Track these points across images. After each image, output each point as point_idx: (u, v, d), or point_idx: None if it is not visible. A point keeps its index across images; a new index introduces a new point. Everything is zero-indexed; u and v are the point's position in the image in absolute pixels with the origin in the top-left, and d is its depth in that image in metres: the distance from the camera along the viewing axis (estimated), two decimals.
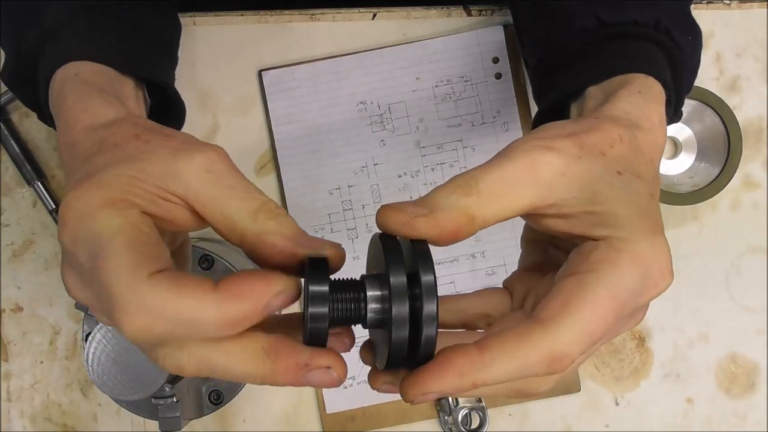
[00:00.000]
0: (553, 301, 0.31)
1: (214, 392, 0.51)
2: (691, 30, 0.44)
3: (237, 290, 0.28)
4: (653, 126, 0.36)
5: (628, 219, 0.32)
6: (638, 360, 0.60)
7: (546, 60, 0.46)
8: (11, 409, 0.60)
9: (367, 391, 0.60)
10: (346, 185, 0.60)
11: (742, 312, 0.60)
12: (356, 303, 0.30)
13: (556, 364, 0.29)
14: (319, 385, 0.29)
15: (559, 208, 0.32)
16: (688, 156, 0.60)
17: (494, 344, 0.30)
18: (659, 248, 0.32)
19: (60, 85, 0.38)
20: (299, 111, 0.60)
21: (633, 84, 0.38)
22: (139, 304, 0.27)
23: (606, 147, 0.33)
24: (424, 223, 0.30)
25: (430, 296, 0.28)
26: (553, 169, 0.31)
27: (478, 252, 0.59)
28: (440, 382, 0.29)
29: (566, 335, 0.29)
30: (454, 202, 0.30)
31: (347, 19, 0.60)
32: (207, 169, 0.31)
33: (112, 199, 0.30)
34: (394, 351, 0.29)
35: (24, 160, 0.59)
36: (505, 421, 0.60)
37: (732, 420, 0.60)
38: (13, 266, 0.61)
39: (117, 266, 0.28)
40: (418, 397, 0.30)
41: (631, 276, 0.31)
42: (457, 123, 0.60)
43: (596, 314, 0.30)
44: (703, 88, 0.57)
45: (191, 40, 0.60)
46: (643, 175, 0.34)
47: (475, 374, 0.29)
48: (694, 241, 0.60)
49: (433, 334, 0.29)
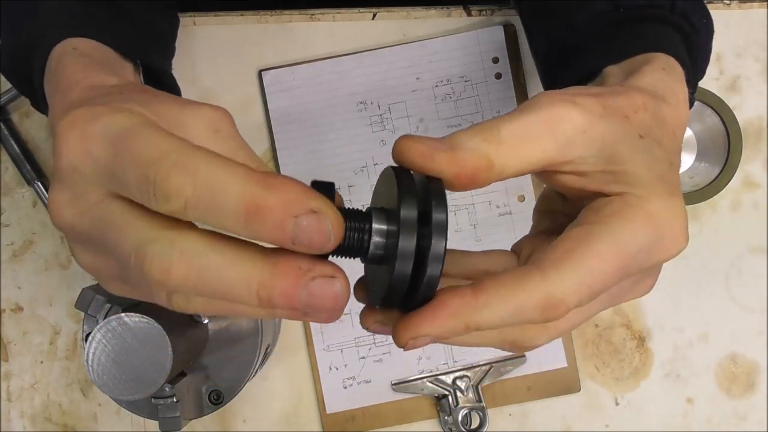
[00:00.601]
0: (556, 249, 0.30)
1: (214, 392, 0.51)
2: (705, 13, 0.44)
3: (274, 182, 0.25)
4: (679, 102, 0.35)
5: (646, 179, 0.31)
6: (638, 360, 0.60)
7: (560, 44, 0.45)
8: (11, 409, 0.60)
9: (367, 391, 0.60)
10: (346, 185, 0.60)
11: (742, 312, 0.60)
12: (360, 233, 0.28)
13: (551, 311, 0.28)
14: (319, 302, 0.26)
15: (577, 165, 0.31)
16: (688, 156, 0.60)
17: (490, 286, 0.29)
18: (676, 210, 0.31)
19: (58, 59, 0.37)
20: (299, 111, 0.60)
21: (656, 61, 0.38)
22: (186, 159, 0.25)
23: (630, 111, 0.32)
24: (444, 158, 0.29)
25: (439, 235, 0.27)
26: (575, 125, 0.30)
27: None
28: (433, 324, 0.28)
29: (565, 282, 0.28)
30: (477, 144, 0.29)
31: (347, 19, 0.60)
32: (214, 128, 0.31)
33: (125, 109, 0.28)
34: (393, 287, 0.28)
35: (24, 160, 0.59)
36: (505, 421, 0.60)
37: (732, 420, 0.60)
38: (13, 266, 0.61)
39: (152, 133, 0.26)
40: (410, 342, 0.29)
41: (643, 233, 0.30)
42: (457, 123, 0.60)
43: (599, 265, 0.29)
44: (703, 88, 0.57)
45: (191, 40, 0.60)
46: (665, 144, 0.33)
47: (468, 316, 0.28)
48: (694, 241, 0.60)
49: (436, 274, 0.28)
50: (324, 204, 0.25)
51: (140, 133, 0.26)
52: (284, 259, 0.25)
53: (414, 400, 0.60)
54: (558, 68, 0.46)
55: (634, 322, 0.60)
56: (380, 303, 0.29)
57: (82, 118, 0.28)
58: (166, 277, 0.25)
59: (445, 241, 0.27)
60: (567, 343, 0.60)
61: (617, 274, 0.29)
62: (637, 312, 0.60)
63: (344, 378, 0.59)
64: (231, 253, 0.25)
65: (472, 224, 0.59)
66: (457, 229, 0.59)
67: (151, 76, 0.45)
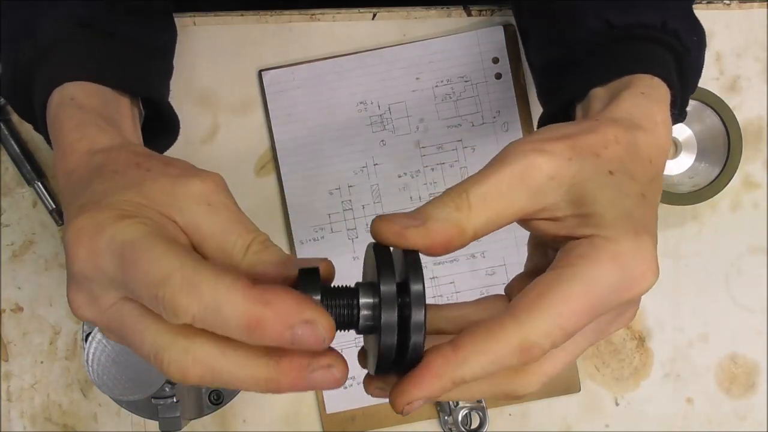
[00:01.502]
0: (527, 295, 0.31)
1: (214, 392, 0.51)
2: (696, 30, 0.44)
3: (271, 297, 0.27)
4: (656, 126, 0.36)
5: (612, 219, 0.32)
6: (638, 360, 0.60)
7: (554, 61, 0.46)
8: (11, 409, 0.60)
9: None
10: (346, 185, 0.60)
11: (742, 312, 0.60)
12: (349, 309, 0.31)
13: (526, 354, 0.30)
14: (321, 385, 0.29)
15: (551, 212, 0.33)
16: (688, 156, 0.60)
17: (466, 340, 0.30)
18: (642, 248, 0.32)
19: (56, 110, 0.39)
20: (299, 111, 0.60)
21: (637, 85, 0.39)
22: (189, 280, 0.27)
23: (600, 148, 0.33)
24: (416, 233, 0.31)
25: (418, 305, 0.30)
26: (543, 173, 0.32)
27: (478, 252, 0.59)
28: (421, 387, 0.30)
29: (537, 326, 0.30)
30: (447, 215, 0.31)
31: (347, 19, 0.60)
32: (207, 202, 0.32)
33: (126, 214, 0.30)
34: (382, 356, 0.30)
35: (24, 160, 0.59)
36: (505, 421, 0.60)
37: (732, 420, 0.60)
38: (13, 266, 0.61)
39: (155, 248, 0.29)
40: (405, 407, 0.31)
41: (609, 273, 0.31)
42: (457, 123, 0.60)
43: (568, 307, 0.30)
44: (703, 88, 0.57)
45: (191, 40, 0.60)
46: (637, 176, 0.34)
47: (451, 373, 0.30)
48: (694, 241, 0.60)
49: (420, 341, 0.30)
50: (316, 313, 0.27)
51: (144, 248, 0.29)
52: (287, 357, 0.29)
53: None
54: (551, 88, 0.47)
55: (634, 322, 0.60)
56: (375, 370, 0.31)
57: (87, 233, 0.30)
58: (184, 378, 0.29)
59: (425, 309, 0.30)
60: None
61: (588, 315, 0.31)
62: (637, 312, 0.60)
63: None
64: (239, 357, 0.29)
65: None
66: None
67: (150, 105, 0.45)
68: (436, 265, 0.59)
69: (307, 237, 0.60)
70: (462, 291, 0.60)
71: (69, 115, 0.38)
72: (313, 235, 0.60)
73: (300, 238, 0.60)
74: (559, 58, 0.45)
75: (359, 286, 0.31)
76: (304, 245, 0.60)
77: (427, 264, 0.59)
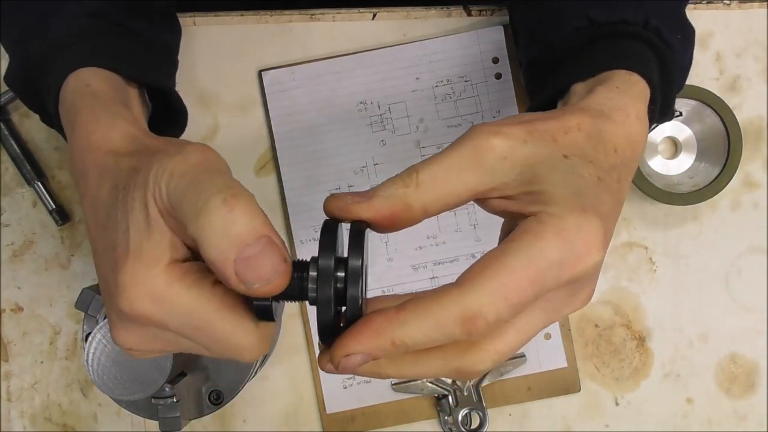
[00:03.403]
0: (473, 267, 0.32)
1: (214, 392, 0.51)
2: (681, 29, 0.45)
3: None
4: (627, 119, 0.37)
5: (560, 197, 0.33)
6: (638, 360, 0.60)
7: (538, 60, 0.47)
8: (11, 409, 0.60)
9: (367, 391, 0.60)
10: (346, 185, 0.60)
11: (742, 312, 0.60)
12: (300, 281, 0.32)
13: (469, 324, 0.31)
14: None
15: (502, 190, 0.34)
16: (688, 156, 0.60)
17: (411, 304, 0.31)
18: (588, 225, 0.32)
19: (72, 98, 0.40)
20: (299, 111, 0.60)
21: (614, 80, 0.39)
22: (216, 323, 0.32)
23: (559, 134, 0.34)
24: (360, 208, 0.33)
25: (354, 280, 0.31)
26: (496, 153, 0.33)
27: (478, 252, 0.59)
28: (359, 340, 0.31)
29: (479, 296, 0.31)
30: (392, 192, 0.33)
31: (347, 19, 0.60)
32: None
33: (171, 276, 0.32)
34: (321, 330, 0.32)
35: (24, 160, 0.59)
36: (505, 421, 0.60)
37: (732, 420, 0.60)
38: (13, 266, 0.61)
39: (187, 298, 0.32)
40: (342, 360, 0.31)
41: (553, 247, 0.31)
42: (457, 123, 0.60)
43: (511, 278, 0.31)
44: (703, 88, 0.57)
45: (191, 40, 0.60)
46: (597, 162, 0.34)
47: (391, 332, 0.31)
48: (694, 241, 0.61)
49: (356, 314, 0.32)
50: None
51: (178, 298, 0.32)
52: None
53: (414, 400, 0.60)
54: (536, 84, 0.48)
55: (634, 322, 0.60)
56: (320, 341, 0.33)
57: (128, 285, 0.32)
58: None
59: (361, 283, 0.31)
60: (567, 343, 0.60)
61: (531, 288, 0.31)
62: (637, 312, 0.60)
63: (344, 378, 0.59)
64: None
65: (472, 224, 0.59)
66: (457, 230, 0.59)
67: (157, 98, 0.47)
68: (437, 265, 0.59)
69: (307, 237, 0.60)
70: None
71: (85, 103, 0.39)
72: (313, 235, 0.60)
73: (300, 238, 0.60)
74: (543, 57, 0.46)
75: (311, 260, 0.32)
76: (304, 245, 0.60)
77: (427, 264, 0.59)
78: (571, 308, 0.35)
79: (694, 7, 0.60)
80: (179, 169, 0.32)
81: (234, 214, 0.29)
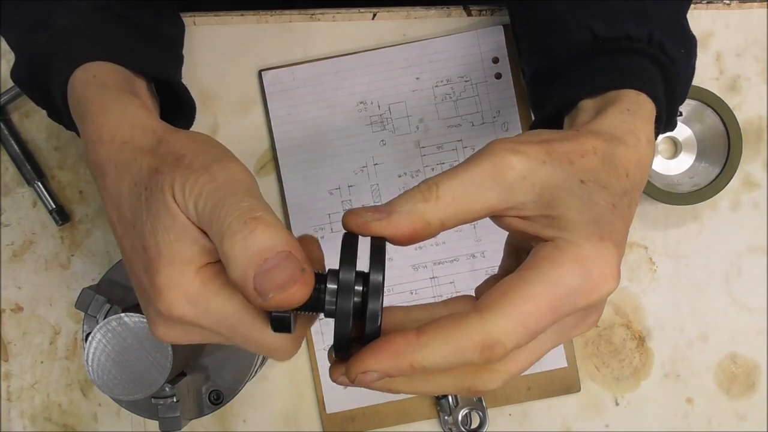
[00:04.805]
0: (492, 293, 0.32)
1: (214, 392, 0.51)
2: (684, 42, 0.45)
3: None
4: (638, 143, 0.37)
5: (578, 224, 0.33)
6: (638, 360, 0.60)
7: (542, 70, 0.46)
8: (11, 409, 0.60)
9: (367, 391, 0.60)
10: (346, 185, 0.60)
11: (742, 312, 0.60)
12: (317, 293, 0.32)
13: (489, 351, 0.31)
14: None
15: (520, 210, 0.34)
16: (688, 156, 0.60)
17: (431, 328, 0.31)
18: (604, 253, 0.33)
19: (81, 90, 0.40)
20: (299, 111, 0.60)
21: (623, 101, 0.39)
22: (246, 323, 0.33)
23: (576, 156, 0.34)
24: (378, 225, 0.32)
25: (375, 295, 0.31)
26: (516, 172, 0.33)
27: (478, 252, 0.59)
28: (378, 359, 0.31)
29: (500, 323, 0.31)
30: (411, 207, 0.33)
31: (347, 19, 0.60)
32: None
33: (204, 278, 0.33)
34: (337, 342, 0.32)
35: (24, 160, 0.59)
36: (505, 421, 0.60)
37: (732, 420, 0.60)
38: (13, 266, 0.61)
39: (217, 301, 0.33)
40: (359, 376, 0.32)
41: (571, 275, 0.32)
42: (457, 123, 0.60)
43: (531, 306, 0.31)
44: (703, 88, 0.57)
45: (191, 40, 0.60)
46: (610, 187, 0.35)
47: (410, 355, 0.31)
48: (694, 241, 0.61)
49: (376, 329, 0.31)
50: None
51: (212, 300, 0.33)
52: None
53: (414, 400, 0.60)
54: (541, 94, 0.47)
55: (634, 322, 0.60)
56: (334, 353, 0.33)
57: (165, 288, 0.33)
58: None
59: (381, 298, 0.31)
60: (567, 343, 0.60)
61: (550, 315, 0.32)
62: (637, 312, 0.60)
63: None
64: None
65: (472, 224, 0.59)
66: (457, 230, 0.59)
67: (164, 92, 0.47)
68: (437, 265, 0.59)
69: None
70: (462, 291, 0.60)
71: (93, 93, 0.39)
72: (312, 235, 0.60)
73: None
74: (546, 67, 0.46)
75: (329, 273, 0.32)
76: None
77: (427, 264, 0.59)
78: (579, 331, 0.36)
79: (694, 7, 0.60)
80: (206, 190, 0.32)
81: (254, 235, 0.30)
